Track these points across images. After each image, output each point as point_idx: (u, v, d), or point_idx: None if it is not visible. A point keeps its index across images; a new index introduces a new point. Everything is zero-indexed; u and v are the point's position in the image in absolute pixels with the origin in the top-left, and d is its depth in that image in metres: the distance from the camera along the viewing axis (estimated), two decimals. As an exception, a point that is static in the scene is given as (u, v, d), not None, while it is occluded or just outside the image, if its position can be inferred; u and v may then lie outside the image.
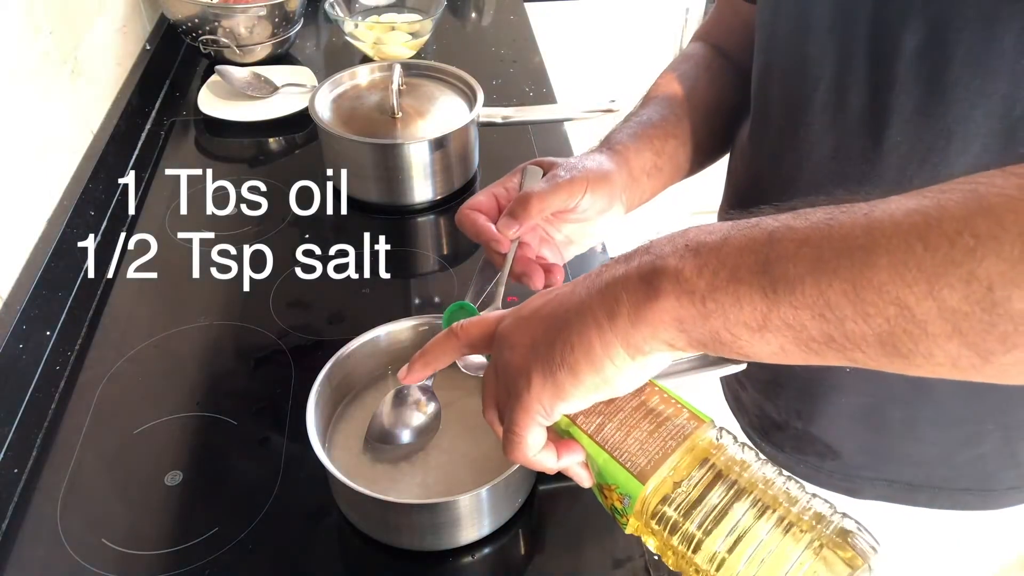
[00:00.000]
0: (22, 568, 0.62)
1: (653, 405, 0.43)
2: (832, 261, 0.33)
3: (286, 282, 0.86)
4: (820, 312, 0.34)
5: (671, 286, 0.37)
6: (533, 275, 0.59)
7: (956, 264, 0.30)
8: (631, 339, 0.38)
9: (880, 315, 0.32)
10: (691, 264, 0.37)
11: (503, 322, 0.45)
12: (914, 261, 0.31)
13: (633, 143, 0.63)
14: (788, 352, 0.36)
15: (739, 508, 0.39)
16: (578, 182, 0.58)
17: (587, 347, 0.39)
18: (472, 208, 0.60)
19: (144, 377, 0.77)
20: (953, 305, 0.31)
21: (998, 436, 0.60)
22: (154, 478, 0.67)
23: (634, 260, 0.40)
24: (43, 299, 0.80)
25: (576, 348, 0.40)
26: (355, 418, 0.68)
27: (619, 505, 0.43)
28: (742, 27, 0.68)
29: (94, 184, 0.94)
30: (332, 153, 0.99)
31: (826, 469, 0.67)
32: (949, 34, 0.46)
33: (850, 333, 0.33)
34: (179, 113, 1.17)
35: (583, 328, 0.39)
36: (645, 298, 0.38)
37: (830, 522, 0.38)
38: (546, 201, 0.57)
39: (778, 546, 0.38)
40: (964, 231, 0.30)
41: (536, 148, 1.08)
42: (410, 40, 1.26)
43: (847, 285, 0.33)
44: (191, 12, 1.17)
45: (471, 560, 0.63)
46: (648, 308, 0.38)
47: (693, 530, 0.39)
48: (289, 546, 0.63)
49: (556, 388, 0.40)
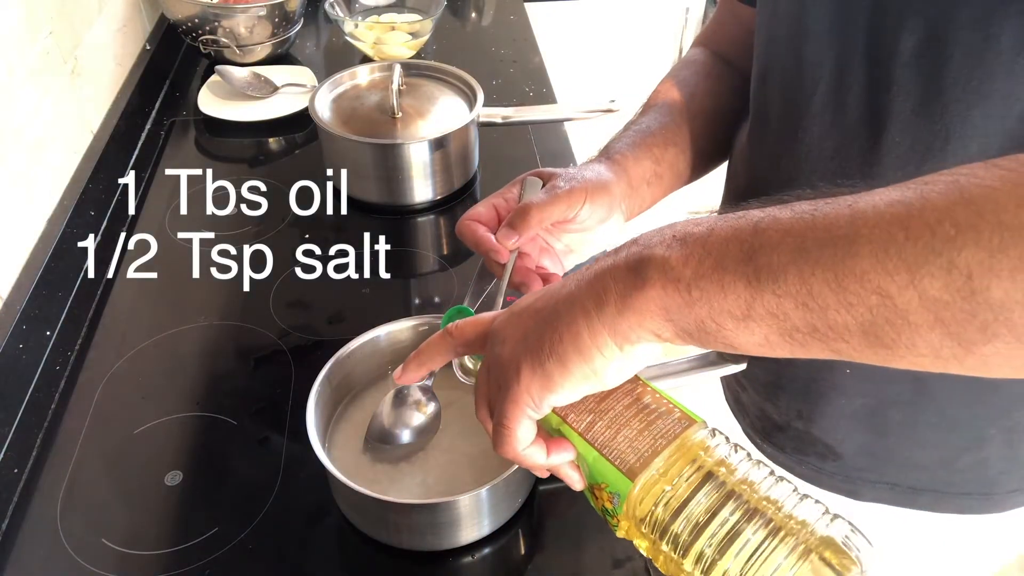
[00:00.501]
0: (22, 568, 0.62)
1: (644, 404, 0.44)
2: (815, 251, 0.33)
3: (286, 282, 0.86)
4: (803, 301, 0.34)
5: (658, 275, 0.37)
6: (532, 284, 0.59)
7: (936, 253, 0.31)
8: (618, 328, 0.39)
9: (862, 304, 0.33)
10: (678, 253, 0.37)
11: (497, 321, 0.45)
12: (895, 250, 0.31)
13: (632, 152, 0.64)
14: (772, 343, 0.36)
15: (728, 510, 0.39)
16: (577, 193, 0.58)
17: (576, 337, 0.40)
18: (472, 219, 0.61)
19: (144, 377, 0.77)
20: (934, 294, 0.31)
21: (1000, 440, 0.60)
22: (154, 478, 0.67)
23: (622, 251, 0.40)
24: (43, 299, 0.80)
25: (565, 338, 0.40)
26: (355, 418, 0.68)
27: (609, 506, 0.43)
28: (742, 32, 0.68)
29: (94, 184, 0.94)
30: (332, 153, 0.99)
31: (827, 470, 0.67)
32: (947, 34, 0.46)
33: (833, 323, 0.34)
34: (179, 113, 1.17)
35: (572, 319, 0.40)
36: (632, 287, 0.38)
37: (821, 525, 0.38)
38: (545, 212, 0.58)
39: (767, 550, 0.37)
40: (945, 220, 0.31)
41: (536, 148, 1.08)
42: (410, 40, 1.26)
43: (829, 274, 0.33)
44: (191, 12, 1.17)
45: (471, 560, 0.63)
46: (635, 296, 0.38)
47: (681, 531, 0.39)
48: (289, 546, 0.63)
49: (545, 379, 0.41)
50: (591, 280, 0.40)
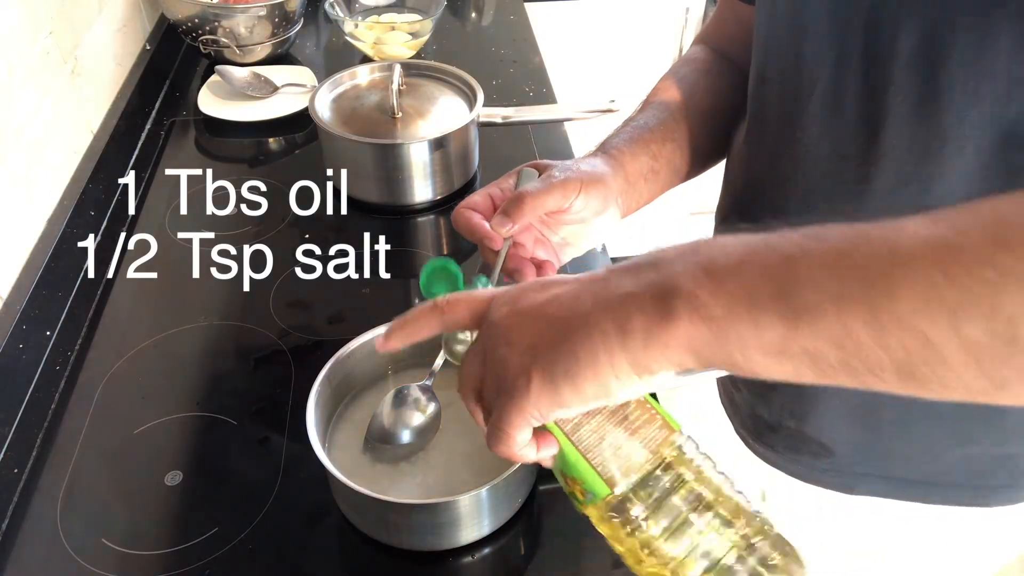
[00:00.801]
0: (22, 568, 0.62)
1: (629, 411, 0.44)
2: (854, 291, 0.33)
3: (286, 282, 0.86)
4: (839, 341, 0.34)
5: (686, 311, 0.36)
6: (526, 272, 0.59)
7: (977, 298, 0.30)
8: (640, 360, 0.38)
9: (900, 345, 0.32)
10: (707, 288, 0.36)
11: (496, 308, 0.44)
12: (935, 294, 0.31)
13: (629, 147, 0.64)
14: (802, 375, 0.36)
15: (696, 517, 0.42)
16: (572, 183, 0.58)
17: (593, 361, 0.39)
18: (467, 207, 0.61)
19: (144, 377, 0.77)
20: (974, 338, 0.31)
21: (990, 435, 0.61)
22: (154, 478, 0.67)
23: (643, 275, 0.39)
24: (43, 299, 0.80)
25: (581, 361, 0.39)
26: (355, 418, 0.68)
27: (580, 496, 0.45)
28: (742, 30, 0.68)
29: (94, 184, 0.94)
30: (332, 153, 0.99)
31: (820, 467, 0.67)
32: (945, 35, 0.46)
33: (867, 360, 0.34)
34: (179, 113, 1.17)
35: (590, 343, 0.39)
36: (659, 321, 0.37)
37: (768, 537, 0.41)
38: (540, 200, 0.58)
39: (726, 554, 0.41)
40: (987, 265, 0.30)
41: (536, 148, 1.08)
42: (410, 40, 1.26)
43: (868, 315, 0.33)
44: (191, 12, 1.17)
45: (471, 560, 0.63)
46: (662, 331, 0.37)
47: (650, 533, 0.42)
48: (289, 546, 0.63)
49: (555, 395, 0.40)
50: (612, 304, 0.39)
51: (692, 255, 0.38)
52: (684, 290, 0.37)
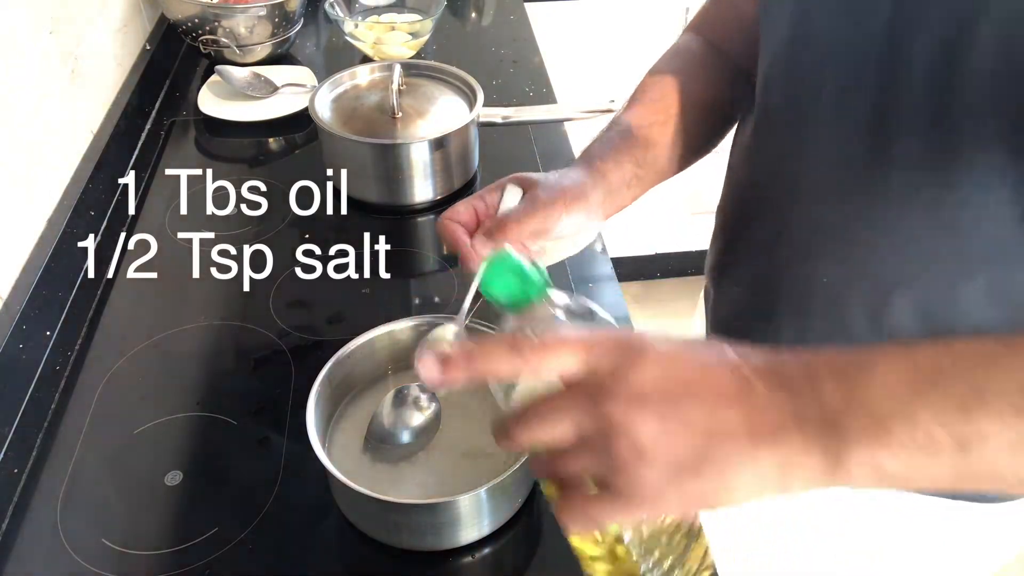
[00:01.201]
0: (22, 568, 0.62)
1: None
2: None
3: (286, 282, 0.86)
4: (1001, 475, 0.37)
5: (861, 473, 0.36)
6: None
7: None
8: (790, 491, 0.38)
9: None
10: (886, 448, 0.36)
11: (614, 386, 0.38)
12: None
13: (614, 155, 0.63)
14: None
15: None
16: (557, 205, 0.58)
17: (737, 494, 0.37)
18: (451, 218, 0.60)
19: (144, 377, 0.77)
20: None
21: None
22: (154, 478, 0.67)
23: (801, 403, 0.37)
24: (43, 299, 0.80)
25: (731, 495, 0.37)
26: (355, 418, 0.68)
27: None
28: (737, 21, 0.68)
29: (94, 184, 0.94)
30: (332, 153, 0.99)
31: None
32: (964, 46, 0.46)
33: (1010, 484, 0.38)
34: (179, 113, 1.17)
35: (742, 479, 0.37)
36: (829, 475, 0.37)
37: None
38: (523, 226, 0.57)
39: None
40: None
41: (536, 148, 1.08)
42: (410, 40, 1.26)
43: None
44: (191, 12, 1.17)
45: (471, 560, 0.63)
46: (828, 481, 0.37)
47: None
48: (289, 546, 0.63)
49: (679, 511, 0.40)
50: (767, 441, 0.37)
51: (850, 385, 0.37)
52: (858, 448, 0.36)
